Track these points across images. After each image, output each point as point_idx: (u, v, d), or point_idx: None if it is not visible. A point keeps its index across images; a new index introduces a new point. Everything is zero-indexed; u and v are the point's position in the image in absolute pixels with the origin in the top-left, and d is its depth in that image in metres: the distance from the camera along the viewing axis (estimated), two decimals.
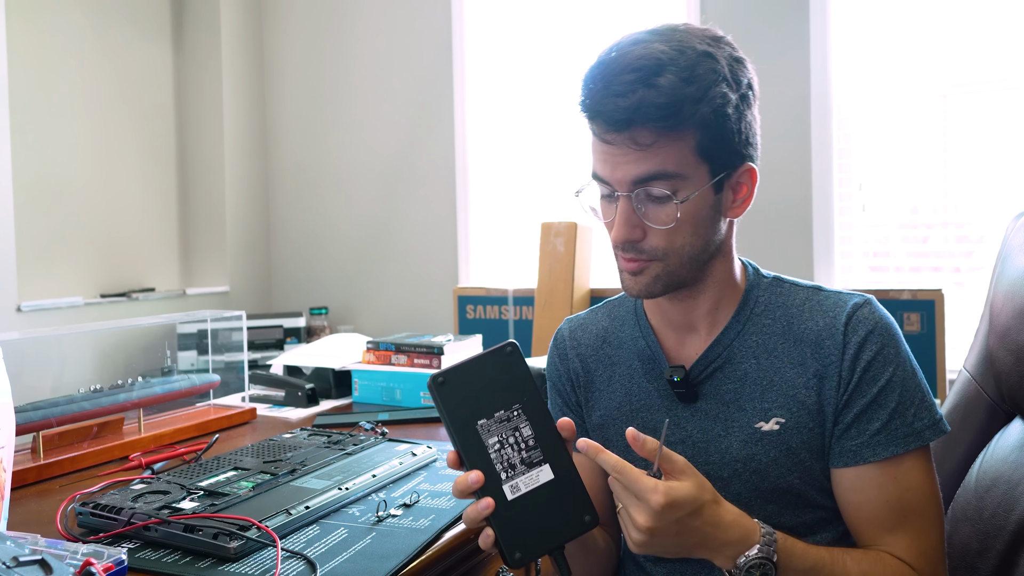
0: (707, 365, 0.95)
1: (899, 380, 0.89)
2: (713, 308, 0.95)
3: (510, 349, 0.80)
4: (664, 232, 0.87)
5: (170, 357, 2.70)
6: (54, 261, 2.90)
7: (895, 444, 0.87)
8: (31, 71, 2.82)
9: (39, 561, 0.74)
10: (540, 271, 2.53)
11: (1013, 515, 0.96)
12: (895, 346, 0.90)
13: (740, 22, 2.69)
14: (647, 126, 0.83)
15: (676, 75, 0.82)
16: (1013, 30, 2.38)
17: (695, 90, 0.82)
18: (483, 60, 3.14)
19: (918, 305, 2.17)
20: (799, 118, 2.63)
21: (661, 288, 0.91)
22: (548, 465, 0.79)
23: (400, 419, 1.58)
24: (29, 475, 1.22)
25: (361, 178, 3.40)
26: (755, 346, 0.94)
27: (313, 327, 3.25)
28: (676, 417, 0.96)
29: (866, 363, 0.88)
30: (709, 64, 0.85)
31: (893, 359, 0.89)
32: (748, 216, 2.95)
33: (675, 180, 0.85)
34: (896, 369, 0.89)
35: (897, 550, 0.87)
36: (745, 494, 0.92)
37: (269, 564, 0.87)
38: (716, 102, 0.84)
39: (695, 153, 0.85)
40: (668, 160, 0.84)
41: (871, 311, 0.91)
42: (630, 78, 0.82)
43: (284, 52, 3.55)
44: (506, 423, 0.79)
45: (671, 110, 0.82)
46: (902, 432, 0.88)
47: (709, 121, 0.84)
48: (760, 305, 0.95)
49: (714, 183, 0.88)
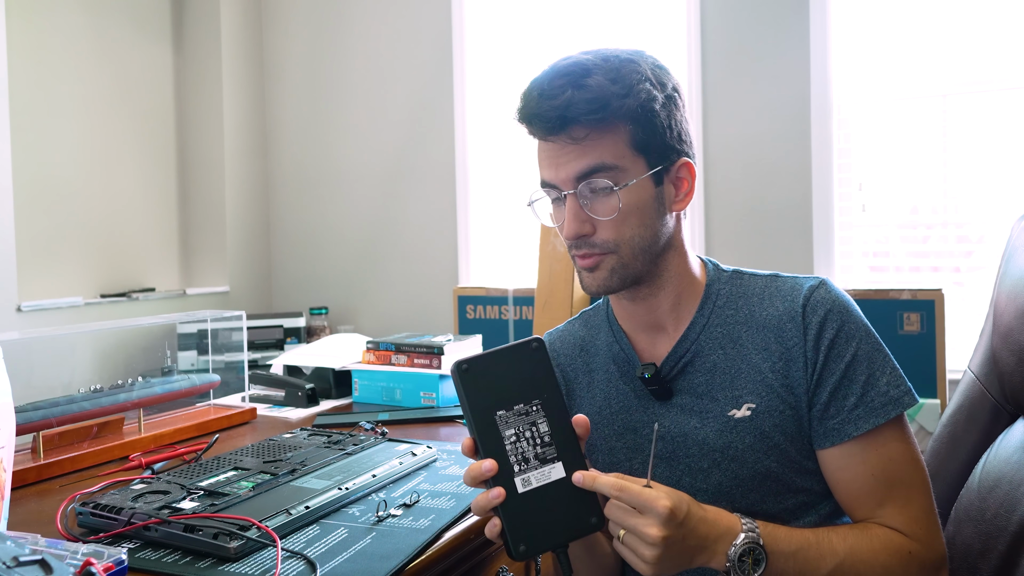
0: (677, 361, 0.97)
1: (865, 353, 0.91)
2: (676, 304, 0.98)
3: (536, 344, 0.82)
4: (611, 223, 0.92)
5: (170, 357, 2.69)
6: (54, 261, 2.90)
7: (874, 415, 0.90)
8: (31, 71, 2.82)
9: (39, 561, 0.74)
10: (540, 271, 2.52)
11: (1015, 516, 0.96)
12: (854, 321, 0.93)
13: (740, 22, 2.69)
14: (580, 121, 0.89)
15: (602, 76, 0.90)
16: (1013, 30, 2.38)
17: (620, 87, 0.90)
18: (483, 60, 3.14)
19: (918, 305, 2.17)
20: (799, 118, 2.63)
21: (618, 282, 0.94)
22: (561, 463, 0.80)
23: (400, 419, 1.58)
24: (29, 475, 1.22)
25: (361, 178, 3.40)
26: (721, 337, 0.96)
27: (313, 327, 3.25)
28: (653, 415, 0.98)
29: (829, 341, 0.91)
30: (632, 67, 0.92)
31: (855, 334, 0.92)
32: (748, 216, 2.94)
33: (614, 172, 0.91)
34: (860, 343, 0.92)
35: (888, 520, 0.89)
36: (726, 483, 0.93)
37: (269, 564, 0.87)
38: (641, 97, 0.90)
39: (629, 146, 0.91)
40: (605, 153, 0.90)
41: (826, 291, 0.94)
42: (560, 82, 0.90)
43: (284, 52, 3.55)
44: (524, 417, 0.80)
45: (599, 104, 0.89)
46: (879, 402, 0.90)
47: (637, 115, 0.90)
48: (722, 297, 0.99)
49: (652, 175, 0.93)
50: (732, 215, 2.74)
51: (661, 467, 0.97)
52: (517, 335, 2.69)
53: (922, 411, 2.13)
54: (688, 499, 0.81)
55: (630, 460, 0.99)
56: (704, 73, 2.74)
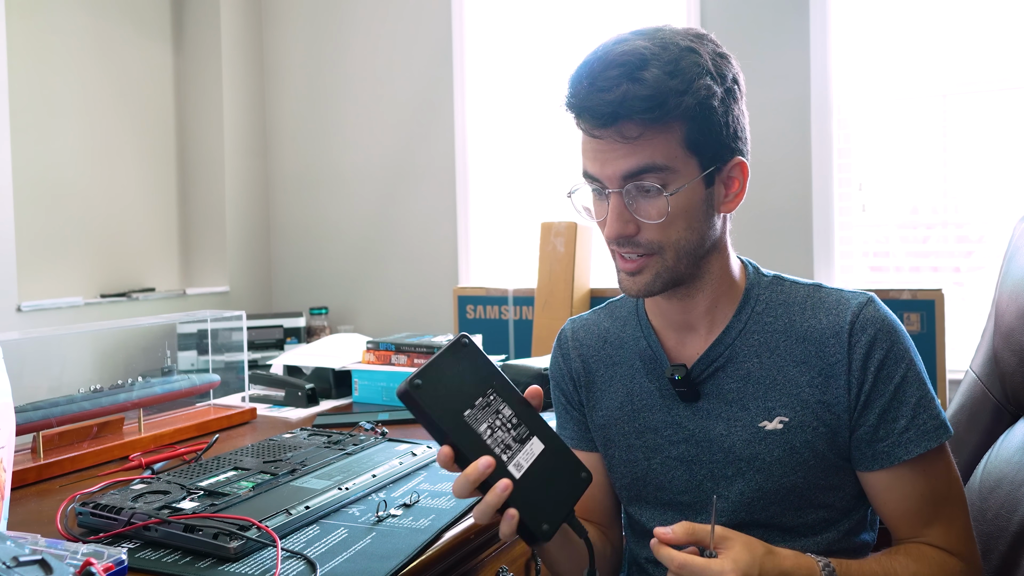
0: (709, 364, 0.94)
1: (914, 376, 0.89)
2: (712, 306, 0.95)
3: (466, 341, 0.83)
4: (657, 226, 0.87)
5: (170, 357, 2.69)
6: (54, 261, 2.90)
7: (926, 439, 0.88)
8: (31, 71, 2.82)
9: (39, 561, 0.74)
10: (540, 271, 2.52)
11: (1016, 516, 0.96)
12: (904, 344, 0.90)
13: (740, 22, 2.69)
14: (633, 119, 0.83)
15: (660, 69, 0.83)
16: (1013, 30, 2.38)
17: (679, 83, 0.83)
18: (483, 60, 3.14)
19: (918, 305, 2.17)
20: (799, 118, 2.63)
21: (661, 286, 0.91)
22: (536, 437, 0.82)
23: (400, 419, 1.58)
24: (29, 475, 1.22)
25: (361, 178, 3.40)
26: (757, 344, 0.93)
27: (313, 327, 3.24)
28: (677, 416, 0.96)
29: (879, 363, 0.89)
30: (692, 58, 0.85)
31: (904, 356, 0.89)
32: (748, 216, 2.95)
33: (664, 173, 0.85)
34: (909, 365, 0.89)
35: (934, 539, 0.89)
36: (748, 493, 0.92)
37: (269, 564, 0.87)
38: (700, 94, 0.84)
39: (683, 146, 0.86)
40: (656, 153, 0.85)
41: (875, 310, 0.91)
42: (614, 73, 0.84)
43: (284, 52, 3.55)
44: (487, 408, 0.81)
45: (656, 102, 0.82)
46: (931, 426, 0.88)
47: (695, 113, 0.84)
48: (761, 303, 0.95)
49: (704, 176, 0.88)
50: (732, 215, 2.73)
51: (680, 470, 0.95)
52: (517, 335, 2.69)
53: None
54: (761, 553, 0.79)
55: (648, 459, 0.97)
56: None
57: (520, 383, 1.65)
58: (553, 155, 3.01)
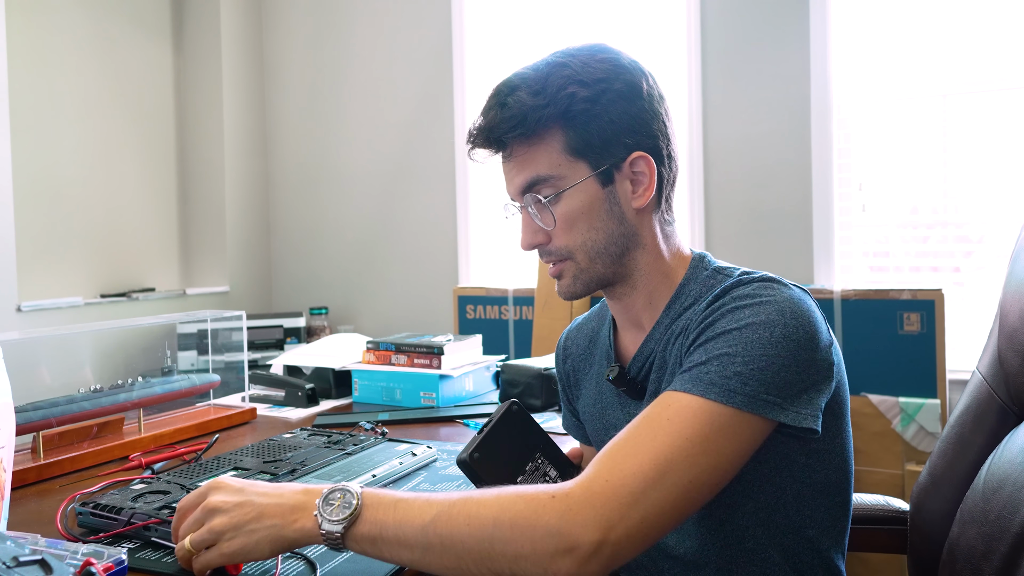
0: (644, 361, 0.96)
1: (736, 338, 0.80)
2: (648, 303, 0.97)
3: (516, 408, 0.89)
4: (560, 231, 0.92)
5: (170, 357, 2.69)
6: (54, 261, 2.90)
7: (694, 384, 0.79)
8: (31, 71, 2.82)
9: (39, 561, 0.74)
10: (540, 271, 2.52)
11: (1018, 517, 0.96)
12: (749, 311, 0.82)
13: (740, 22, 2.69)
14: (508, 139, 0.91)
15: (525, 90, 0.90)
16: (1013, 31, 2.38)
17: (541, 98, 0.89)
18: (483, 60, 3.14)
19: (918, 305, 2.17)
20: (799, 118, 2.63)
21: (582, 287, 0.95)
22: None
23: (400, 419, 1.58)
24: (29, 475, 1.22)
25: (361, 178, 3.40)
26: (673, 335, 0.92)
27: (313, 327, 3.25)
28: (629, 413, 0.97)
29: (714, 313, 0.84)
30: (560, 72, 0.90)
31: (742, 319, 0.81)
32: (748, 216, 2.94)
33: (552, 181, 0.91)
34: (746, 331, 0.80)
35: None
36: None
37: (269, 564, 0.87)
38: (563, 103, 0.89)
39: (565, 152, 0.90)
40: (539, 165, 0.91)
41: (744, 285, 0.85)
42: (489, 103, 0.93)
43: (284, 52, 3.55)
44: (536, 472, 0.87)
45: (517, 120, 0.89)
46: (709, 379, 0.78)
47: (566, 119, 0.89)
48: (690, 297, 0.94)
49: (598, 175, 0.91)
50: (732, 215, 2.74)
51: None
52: (517, 335, 2.69)
53: (922, 411, 2.13)
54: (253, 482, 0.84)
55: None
56: (704, 73, 2.74)
57: (520, 383, 1.66)
58: None
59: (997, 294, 1.13)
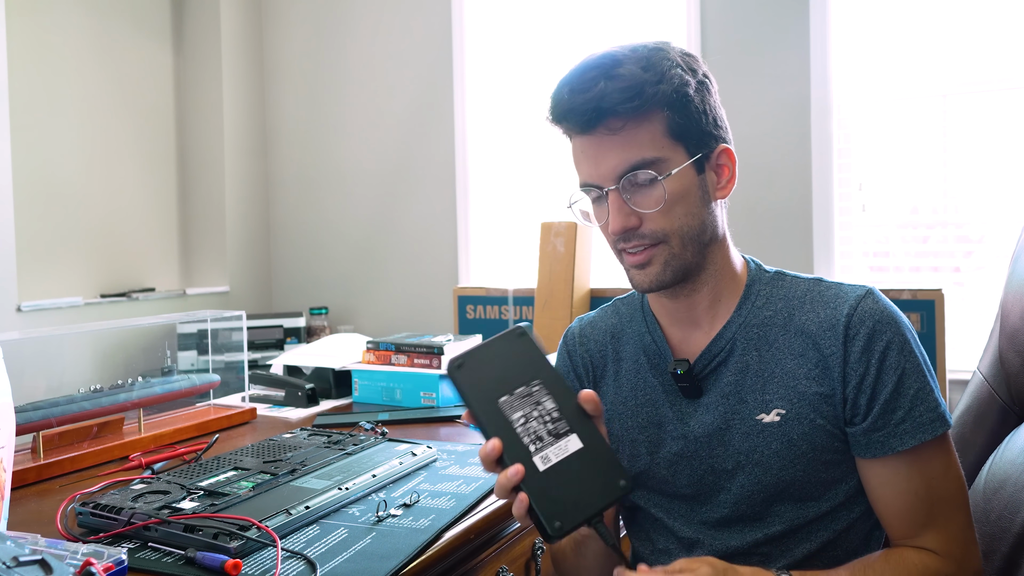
0: (711, 359, 0.95)
1: (912, 367, 0.89)
2: (715, 301, 0.96)
3: (520, 332, 0.84)
4: (658, 214, 0.90)
5: (170, 357, 2.70)
6: (54, 261, 2.90)
7: (921, 431, 0.88)
8: (31, 71, 2.82)
9: (39, 561, 0.74)
10: (540, 271, 2.52)
11: (1018, 517, 0.96)
12: (904, 335, 0.90)
13: (740, 22, 2.69)
14: (615, 112, 0.87)
15: (634, 64, 0.88)
16: (1013, 30, 2.38)
17: (653, 74, 0.88)
18: (483, 60, 3.14)
19: (918, 305, 2.17)
20: (799, 118, 2.63)
21: (671, 275, 0.92)
22: (576, 435, 0.81)
23: (400, 419, 1.58)
24: (29, 475, 1.22)
25: (361, 178, 3.40)
26: (757, 338, 0.94)
27: (313, 327, 3.25)
28: (680, 412, 0.96)
29: (879, 354, 0.89)
30: (662, 54, 0.91)
31: (904, 348, 0.89)
32: (748, 216, 2.94)
33: (655, 164, 0.89)
34: (908, 356, 0.89)
35: (929, 542, 0.88)
36: (748, 487, 0.92)
37: (269, 564, 0.87)
38: (675, 82, 0.89)
39: (667, 135, 0.89)
40: (644, 146, 0.89)
41: (874, 302, 0.91)
42: (592, 75, 0.89)
43: (284, 52, 3.55)
44: (528, 398, 0.81)
45: (633, 92, 0.87)
46: (927, 418, 0.88)
47: (672, 101, 0.89)
48: (762, 298, 0.96)
49: (694, 163, 0.91)
50: (732, 215, 2.71)
51: (682, 465, 0.96)
52: None
53: None
54: (722, 565, 0.79)
55: (651, 454, 0.98)
56: None
57: None
58: (553, 155, 3.00)
59: (997, 294, 1.13)
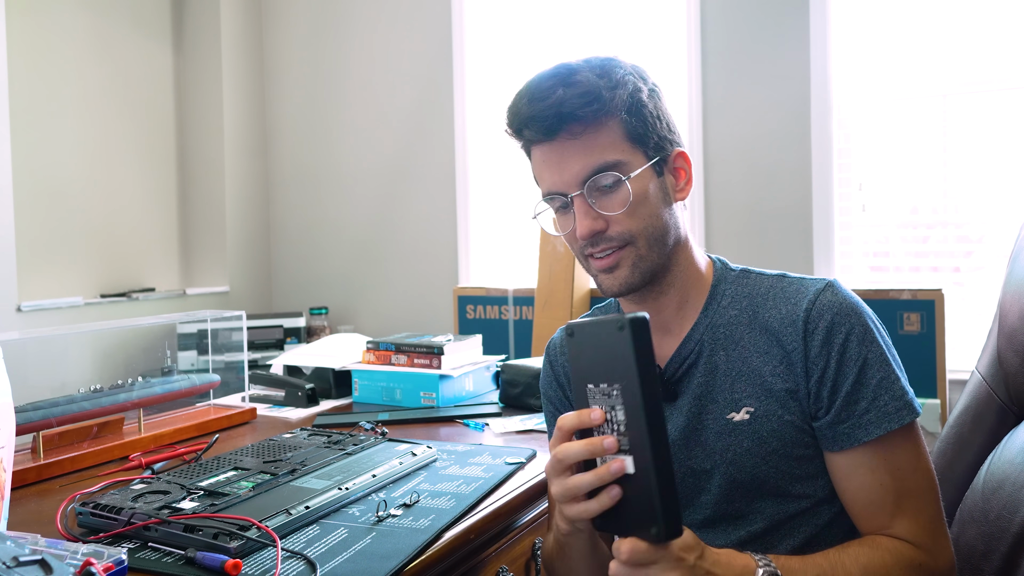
0: (681, 363, 0.97)
1: (875, 357, 0.90)
2: (682, 303, 0.98)
3: (620, 325, 0.73)
4: (624, 216, 0.91)
5: (170, 357, 2.70)
6: (54, 261, 2.90)
7: (887, 420, 0.88)
8: (31, 71, 2.82)
9: (39, 561, 0.74)
10: (540, 271, 2.53)
11: (1017, 517, 0.96)
12: (864, 324, 0.91)
13: (740, 22, 2.69)
14: (575, 117, 0.89)
15: (589, 72, 0.91)
16: (1013, 30, 2.38)
17: (608, 81, 0.91)
18: (483, 60, 3.14)
19: (918, 305, 2.17)
20: (799, 118, 2.63)
21: (639, 277, 0.93)
22: (631, 458, 0.74)
23: (400, 419, 1.58)
24: (29, 475, 1.22)
25: (361, 178, 3.40)
26: (724, 338, 0.95)
27: (313, 327, 3.25)
28: None
29: (839, 346, 0.89)
30: (614, 63, 0.93)
31: (865, 337, 0.90)
32: (748, 216, 2.94)
33: (618, 166, 0.91)
34: (870, 347, 0.90)
35: (899, 532, 0.89)
36: (725, 487, 0.93)
37: (269, 564, 0.87)
38: (629, 88, 0.91)
39: (626, 139, 0.92)
40: (605, 149, 0.90)
41: (833, 294, 0.92)
42: (549, 83, 0.91)
43: (284, 52, 3.55)
44: (606, 398, 0.76)
45: (591, 97, 0.89)
46: (892, 407, 0.88)
47: (629, 105, 0.91)
48: (727, 297, 0.98)
49: (653, 165, 0.93)
50: (732, 215, 2.74)
51: None
52: (517, 335, 2.69)
53: (922, 411, 2.13)
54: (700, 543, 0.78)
55: None
56: (704, 73, 2.74)
57: (520, 383, 1.65)
58: None
59: (997, 294, 1.13)
